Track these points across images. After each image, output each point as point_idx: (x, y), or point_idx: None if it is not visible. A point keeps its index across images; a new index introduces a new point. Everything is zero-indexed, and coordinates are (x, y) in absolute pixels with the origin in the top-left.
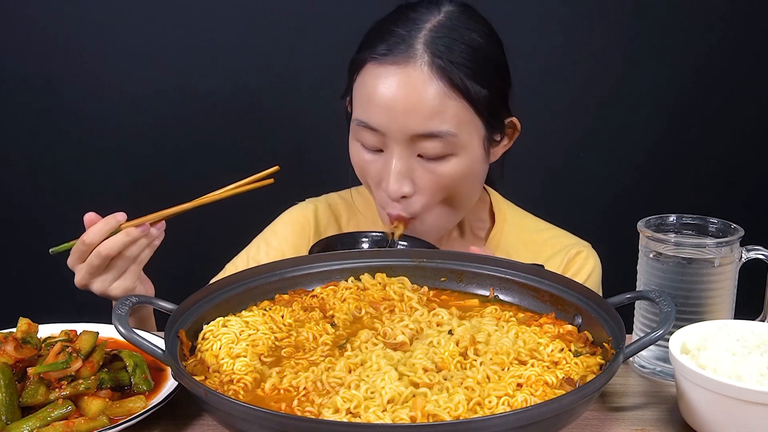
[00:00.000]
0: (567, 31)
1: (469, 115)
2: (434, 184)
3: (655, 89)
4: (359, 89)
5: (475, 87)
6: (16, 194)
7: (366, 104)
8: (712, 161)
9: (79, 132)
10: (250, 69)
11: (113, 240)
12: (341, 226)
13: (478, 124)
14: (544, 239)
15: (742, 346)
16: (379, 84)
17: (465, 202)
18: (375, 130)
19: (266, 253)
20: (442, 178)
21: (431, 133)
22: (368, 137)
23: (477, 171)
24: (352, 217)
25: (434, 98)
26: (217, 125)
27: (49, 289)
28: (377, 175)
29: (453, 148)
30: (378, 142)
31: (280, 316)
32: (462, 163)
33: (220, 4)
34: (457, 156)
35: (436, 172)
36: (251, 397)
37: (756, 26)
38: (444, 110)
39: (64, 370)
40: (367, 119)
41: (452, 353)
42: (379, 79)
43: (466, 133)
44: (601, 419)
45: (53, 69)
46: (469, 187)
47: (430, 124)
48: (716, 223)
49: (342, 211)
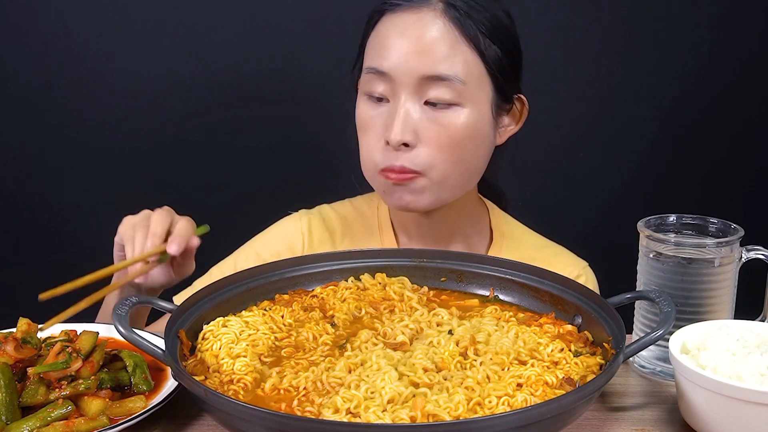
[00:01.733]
0: (567, 31)
1: (479, 68)
2: (439, 135)
3: (655, 89)
4: (372, 41)
5: (486, 41)
6: (16, 194)
7: (378, 50)
8: (712, 161)
9: (80, 131)
10: (253, 68)
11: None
12: (335, 241)
13: (487, 81)
14: (543, 257)
15: (742, 346)
16: (392, 29)
17: (469, 171)
18: (384, 75)
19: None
20: (448, 128)
21: (439, 75)
22: (377, 85)
23: (483, 133)
24: (347, 232)
25: (445, 42)
26: (218, 125)
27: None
28: (381, 127)
29: (460, 98)
30: (386, 89)
31: (280, 316)
32: (469, 116)
33: (222, 3)
34: (463, 107)
35: (441, 122)
36: (251, 397)
37: (756, 26)
38: (454, 55)
39: (64, 370)
40: (378, 64)
41: (452, 353)
42: (393, 25)
43: (474, 86)
44: (601, 419)
45: (53, 69)
46: (474, 148)
47: (439, 67)
48: (716, 223)
49: (336, 225)
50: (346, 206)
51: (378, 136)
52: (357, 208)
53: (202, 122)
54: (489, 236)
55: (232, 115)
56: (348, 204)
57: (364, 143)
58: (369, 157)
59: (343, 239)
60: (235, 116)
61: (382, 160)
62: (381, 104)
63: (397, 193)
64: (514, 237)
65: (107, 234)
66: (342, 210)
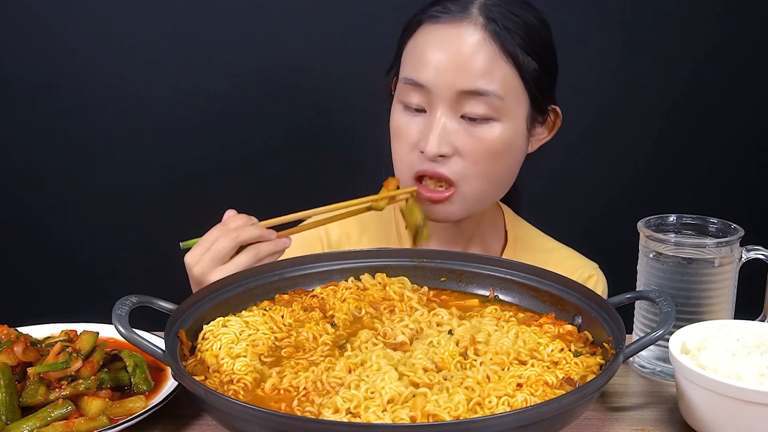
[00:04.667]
0: (567, 31)
1: (516, 83)
2: (475, 148)
3: (655, 89)
4: (410, 51)
5: (525, 57)
6: (17, 194)
7: (416, 62)
8: (712, 161)
9: (81, 131)
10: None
11: (251, 229)
12: (353, 242)
13: (524, 96)
14: (556, 260)
15: (742, 346)
16: (431, 41)
17: (501, 183)
18: (422, 87)
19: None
20: (483, 142)
21: (477, 91)
22: (414, 96)
23: (517, 146)
24: (364, 233)
25: (484, 58)
26: (224, 125)
27: (49, 289)
28: (416, 135)
29: (497, 113)
30: (423, 101)
31: (280, 316)
32: (505, 131)
33: (225, 2)
34: (500, 122)
35: (477, 135)
36: (251, 397)
37: (756, 27)
38: (493, 71)
39: (64, 370)
40: (416, 76)
41: (452, 353)
42: (432, 37)
43: (511, 101)
44: (601, 419)
45: (53, 68)
46: (508, 162)
47: (477, 82)
48: (716, 223)
49: (353, 226)
50: None
51: (412, 144)
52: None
53: (206, 122)
54: (504, 238)
55: (242, 115)
56: None
57: (398, 149)
58: (403, 163)
59: (361, 239)
60: (244, 117)
61: (417, 165)
62: (417, 114)
63: (429, 207)
64: (527, 240)
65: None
66: None
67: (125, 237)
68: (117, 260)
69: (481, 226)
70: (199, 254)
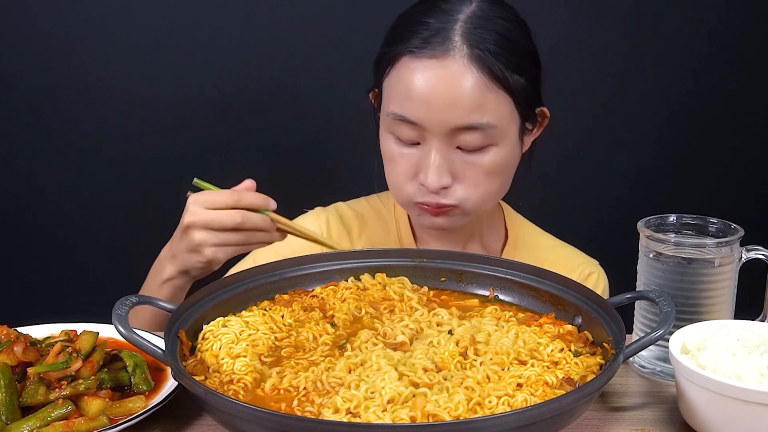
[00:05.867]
0: (568, 32)
1: (508, 107)
2: (475, 174)
3: (656, 89)
4: (394, 83)
5: (513, 77)
6: (17, 194)
7: (403, 98)
8: (713, 162)
9: (81, 131)
10: (259, 68)
11: (252, 215)
12: (353, 238)
13: (515, 115)
14: (556, 257)
15: (742, 346)
16: (418, 77)
17: (501, 192)
18: (413, 124)
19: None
20: (482, 167)
21: (472, 126)
22: (405, 131)
23: (513, 159)
24: (363, 230)
25: (474, 90)
26: (224, 126)
27: (49, 289)
28: (413, 167)
29: (492, 139)
30: (416, 135)
31: (280, 316)
32: (501, 154)
33: (226, 4)
34: (496, 146)
35: (475, 163)
36: (251, 397)
37: (756, 28)
38: (484, 102)
39: (64, 370)
40: (406, 113)
41: (452, 353)
42: (417, 73)
43: (504, 125)
44: (601, 419)
45: (53, 69)
46: (507, 176)
47: (470, 117)
48: (716, 223)
49: (353, 223)
50: (362, 204)
51: (409, 174)
52: (373, 206)
53: (206, 123)
54: (504, 237)
55: (241, 115)
56: (364, 202)
57: (392, 174)
58: (400, 189)
59: (360, 237)
60: (245, 117)
61: (417, 196)
62: (410, 146)
63: (430, 219)
64: (527, 238)
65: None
66: (358, 208)
67: (125, 237)
68: (117, 260)
69: (480, 224)
70: (201, 205)
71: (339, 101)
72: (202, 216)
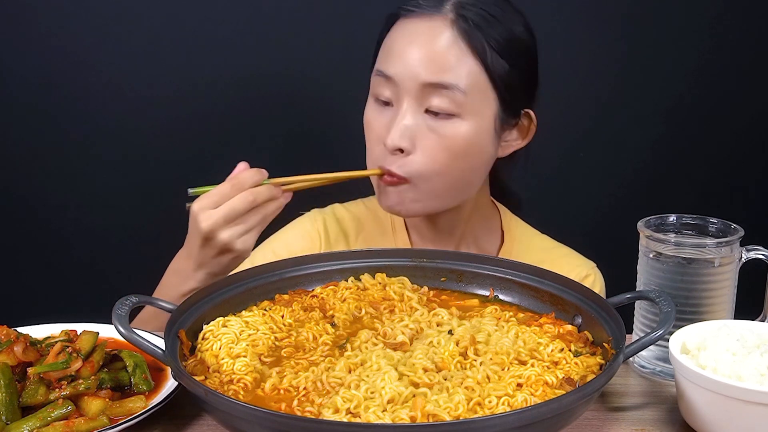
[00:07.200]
0: (567, 32)
1: (482, 82)
2: (435, 144)
3: (655, 89)
4: (385, 45)
5: (494, 55)
6: (17, 194)
7: (388, 55)
8: (712, 161)
9: (81, 130)
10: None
11: (260, 189)
12: (350, 240)
13: (491, 95)
14: (553, 259)
15: (742, 346)
16: (403, 35)
17: (462, 183)
18: (389, 79)
19: None
20: (444, 138)
21: (441, 84)
22: (384, 89)
23: (482, 147)
24: (360, 232)
25: (451, 53)
26: (223, 125)
27: (49, 289)
28: (382, 129)
29: (461, 109)
30: (391, 94)
31: (280, 316)
32: (468, 128)
33: (225, 3)
34: (463, 119)
35: (439, 131)
36: (251, 397)
37: (756, 28)
38: (458, 66)
39: (64, 370)
40: (385, 68)
41: (452, 353)
42: (404, 31)
43: (476, 98)
44: (601, 419)
45: (53, 68)
46: (470, 161)
47: (442, 76)
48: (716, 223)
49: (350, 225)
50: (359, 206)
51: (379, 138)
52: (369, 208)
53: (206, 123)
54: (500, 238)
55: (242, 115)
56: (361, 204)
57: (367, 143)
58: (370, 156)
59: (357, 238)
60: (245, 117)
61: (380, 159)
62: (386, 108)
63: (385, 194)
64: (523, 239)
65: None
66: (355, 209)
67: (125, 237)
68: (117, 260)
69: (472, 223)
70: (209, 208)
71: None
72: (216, 216)
